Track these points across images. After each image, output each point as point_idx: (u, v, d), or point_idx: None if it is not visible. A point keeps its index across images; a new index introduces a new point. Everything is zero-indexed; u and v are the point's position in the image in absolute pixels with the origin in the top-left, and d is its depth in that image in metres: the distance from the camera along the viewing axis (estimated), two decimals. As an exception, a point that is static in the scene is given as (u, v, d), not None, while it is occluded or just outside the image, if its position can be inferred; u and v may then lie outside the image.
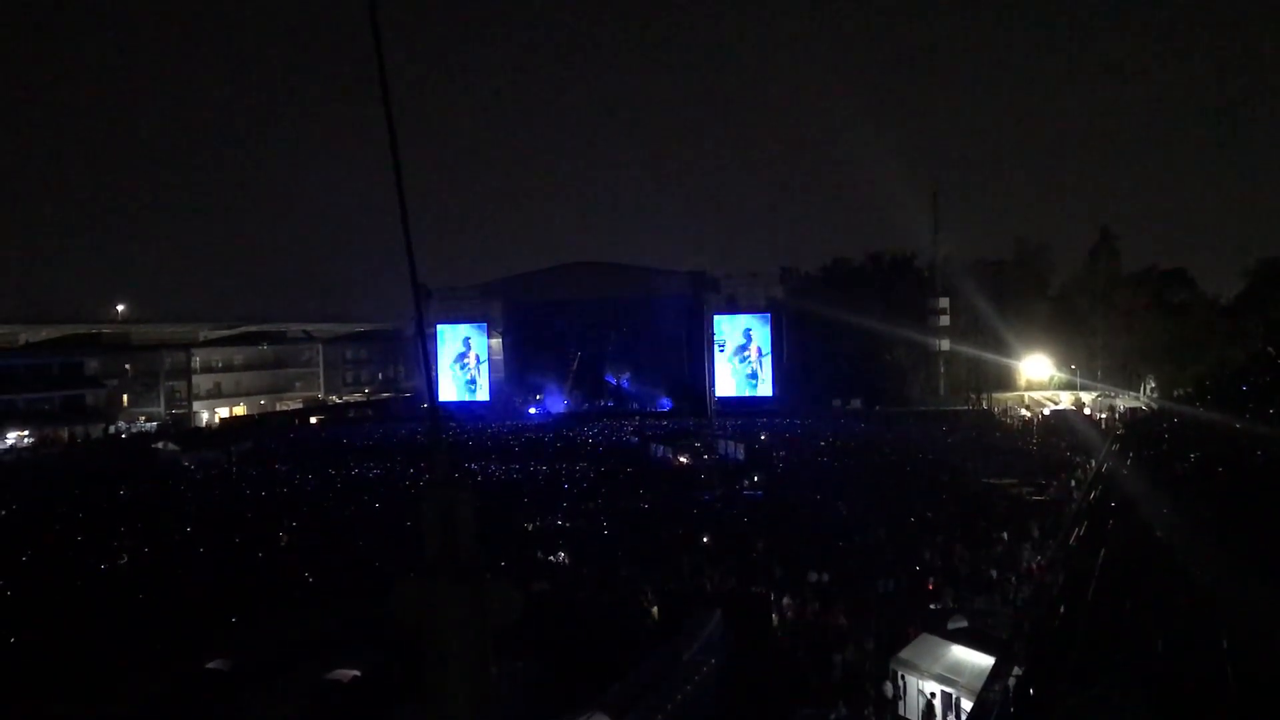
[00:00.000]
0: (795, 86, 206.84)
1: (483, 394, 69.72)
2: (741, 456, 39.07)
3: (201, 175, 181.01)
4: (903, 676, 14.90)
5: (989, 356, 61.10)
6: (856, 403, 61.43)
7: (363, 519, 28.68)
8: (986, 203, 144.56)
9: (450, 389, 68.99)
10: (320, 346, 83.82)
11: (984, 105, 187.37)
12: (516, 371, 70.62)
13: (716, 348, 64.35)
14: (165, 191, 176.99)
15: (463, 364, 69.89)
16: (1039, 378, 63.22)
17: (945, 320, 63.89)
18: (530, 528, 26.51)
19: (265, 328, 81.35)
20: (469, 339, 70.22)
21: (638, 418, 58.97)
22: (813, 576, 19.74)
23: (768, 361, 64.78)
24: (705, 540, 23.69)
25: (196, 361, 73.57)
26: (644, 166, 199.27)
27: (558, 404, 66.07)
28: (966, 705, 13.31)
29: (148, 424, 66.78)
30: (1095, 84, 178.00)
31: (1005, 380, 62.93)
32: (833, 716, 13.85)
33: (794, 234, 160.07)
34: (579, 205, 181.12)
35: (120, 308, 75.74)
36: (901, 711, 14.80)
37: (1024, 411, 55.33)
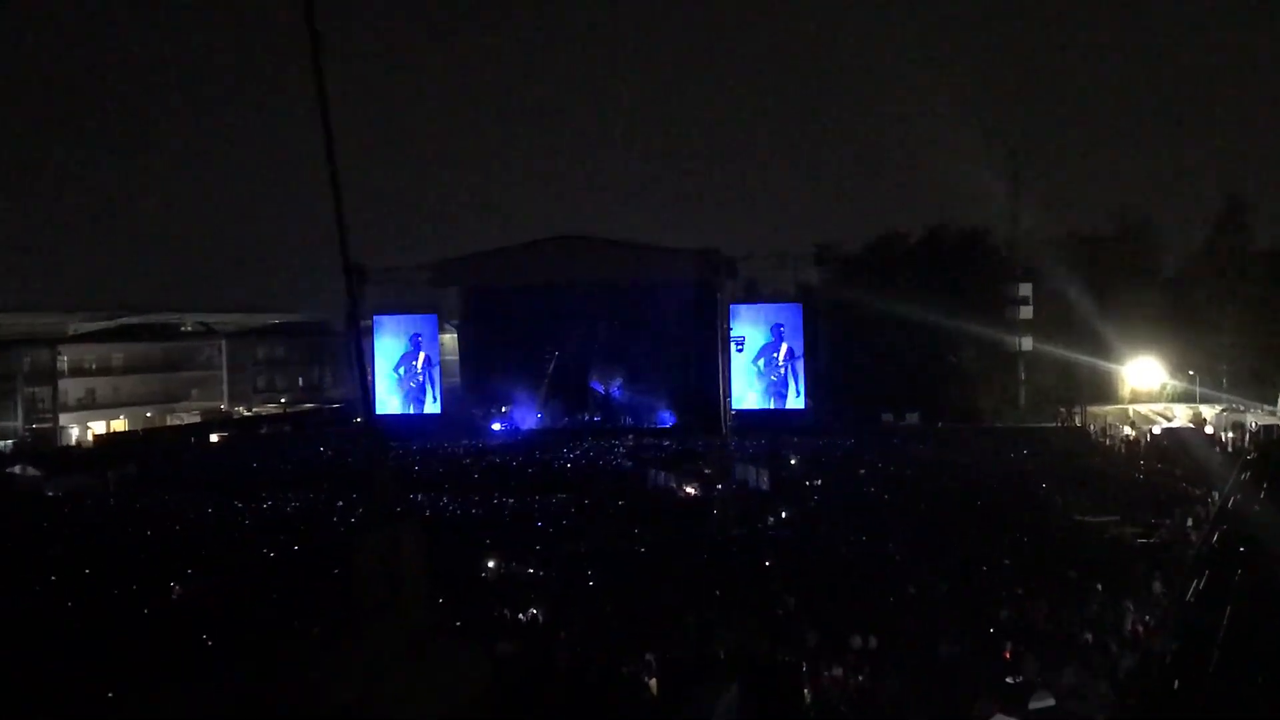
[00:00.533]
0: (830, 23, 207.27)
1: (433, 405, 69.69)
2: (765, 486, 39.21)
3: (69, 128, 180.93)
4: (971, 769, 14.94)
5: (1083, 359, 61.18)
6: (913, 417, 61.51)
7: (279, 565, 28.67)
8: (1078, 165, 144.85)
9: (392, 398, 68.97)
10: (223, 343, 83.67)
11: (1072, 43, 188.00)
12: (477, 376, 70.55)
13: (733, 347, 64.35)
14: (24, 151, 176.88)
15: (409, 366, 69.86)
16: (1147, 387, 63.32)
17: (1027, 312, 63.99)
18: (494, 576, 26.58)
19: (153, 319, 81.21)
20: (418, 335, 70.16)
21: (632, 436, 59.04)
22: (856, 641, 19.77)
23: (800, 365, 64.82)
24: (718, 593, 23.75)
25: (64, 362, 73.38)
26: (643, 119, 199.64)
27: (529, 418, 66.07)
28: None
29: (2, 442, 66.66)
30: (1217, 19, 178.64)
31: (1104, 390, 63.04)
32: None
33: (832, 204, 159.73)
34: (559, 165, 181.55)
35: (-34, 293, 75.74)
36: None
37: (1127, 430, 55.44)
